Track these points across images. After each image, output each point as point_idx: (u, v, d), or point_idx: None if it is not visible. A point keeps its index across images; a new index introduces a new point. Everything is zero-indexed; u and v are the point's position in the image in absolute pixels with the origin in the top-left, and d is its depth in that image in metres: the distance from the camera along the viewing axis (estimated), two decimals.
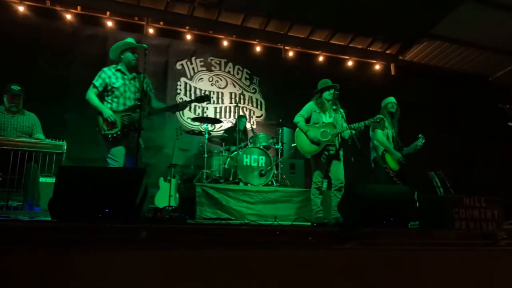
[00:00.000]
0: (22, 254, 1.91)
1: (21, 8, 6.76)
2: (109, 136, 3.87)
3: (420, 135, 5.28)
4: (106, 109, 3.90)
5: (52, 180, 4.35)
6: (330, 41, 8.71)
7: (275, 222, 3.40)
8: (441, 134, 8.17)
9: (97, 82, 3.98)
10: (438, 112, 8.74)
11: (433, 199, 3.73)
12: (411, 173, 5.34)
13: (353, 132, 4.61)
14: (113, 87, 3.98)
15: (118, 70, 4.08)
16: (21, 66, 6.18)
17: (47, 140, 4.17)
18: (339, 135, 4.76)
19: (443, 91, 9.13)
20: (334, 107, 4.87)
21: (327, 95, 4.84)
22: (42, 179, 4.39)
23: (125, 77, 4.06)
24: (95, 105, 3.93)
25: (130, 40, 4.15)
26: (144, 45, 4.15)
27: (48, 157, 4.06)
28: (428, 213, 3.38)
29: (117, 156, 3.90)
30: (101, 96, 4.00)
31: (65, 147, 4.10)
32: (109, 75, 4.02)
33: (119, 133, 3.88)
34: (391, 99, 5.42)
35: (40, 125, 4.53)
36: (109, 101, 3.99)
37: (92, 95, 3.95)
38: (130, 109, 3.97)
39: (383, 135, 5.18)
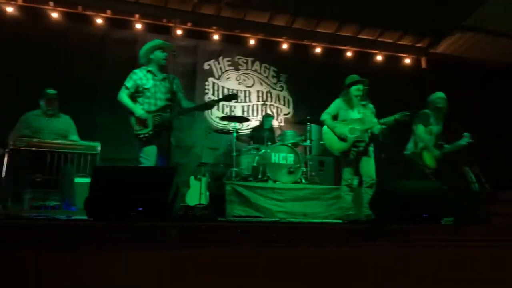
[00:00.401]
0: (59, 252, 1.98)
1: (54, 15, 6.98)
2: (141, 135, 3.97)
3: (466, 133, 5.14)
4: (138, 109, 4.00)
5: (87, 180, 4.48)
6: (358, 36, 8.58)
7: (305, 220, 3.40)
8: (475, 128, 7.91)
9: (129, 83, 4.09)
10: (471, 106, 8.47)
11: (468, 194, 3.64)
12: (449, 170, 5.21)
13: (383, 127, 4.54)
14: (144, 88, 4.08)
15: (149, 71, 4.16)
16: (54, 71, 6.39)
17: (82, 141, 4.31)
18: (369, 131, 4.68)
19: (476, 83, 8.84)
20: (363, 102, 4.79)
21: (354, 90, 4.76)
22: (77, 180, 4.52)
23: (156, 78, 4.14)
24: (127, 105, 4.03)
25: (156, 41, 4.25)
26: (171, 44, 4.27)
27: (83, 157, 4.18)
28: (462, 209, 3.30)
29: (149, 155, 3.98)
30: (133, 97, 4.09)
31: (99, 148, 4.22)
32: (140, 76, 4.11)
33: (151, 132, 3.96)
34: (439, 94, 5.31)
35: (75, 127, 4.68)
36: (141, 102, 4.09)
37: (124, 96, 4.07)
38: (161, 109, 4.04)
39: (424, 131, 5.10)
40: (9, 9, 6.72)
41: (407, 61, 9.06)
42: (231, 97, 4.54)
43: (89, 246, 2.05)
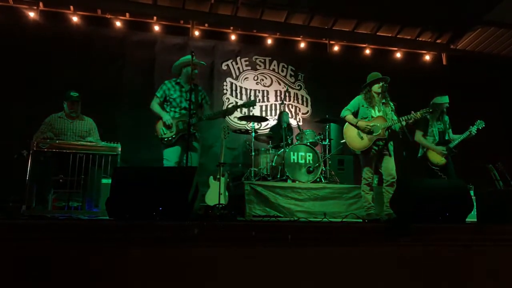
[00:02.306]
0: (82, 250, 2.01)
1: (74, 18, 7.11)
2: (165, 139, 4.39)
3: (478, 121, 5.24)
4: (165, 115, 4.44)
5: (108, 181, 4.54)
6: (377, 33, 8.48)
7: (325, 219, 3.38)
8: (499, 125, 7.75)
9: (159, 93, 4.58)
10: (494, 102, 8.28)
11: (493, 192, 3.56)
12: (458, 165, 5.24)
13: (404, 124, 4.48)
14: (171, 98, 4.54)
15: (178, 83, 4.62)
16: (76, 73, 6.51)
17: (103, 142, 4.37)
18: (389, 129, 4.62)
19: (499, 79, 8.64)
20: (383, 100, 4.73)
21: (376, 88, 4.70)
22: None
23: (183, 89, 4.56)
24: (157, 112, 4.49)
25: (189, 57, 4.50)
26: (203, 62, 4.84)
27: (104, 158, 4.24)
28: (487, 208, 3.23)
29: (170, 157, 4.37)
30: (161, 105, 4.56)
31: (120, 149, 4.28)
32: (168, 87, 4.59)
33: (174, 136, 4.38)
34: (446, 99, 5.40)
35: (96, 128, 4.76)
36: (168, 110, 4.53)
37: (155, 105, 4.55)
38: (185, 116, 4.34)
39: (422, 135, 5.33)
40: (31, 14, 6.87)
41: (427, 57, 8.92)
42: (250, 104, 4.89)
43: (110, 245, 2.07)
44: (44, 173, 4.08)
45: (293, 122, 7.74)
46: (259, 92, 7.94)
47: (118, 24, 7.33)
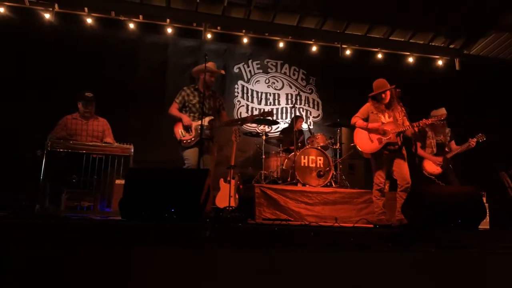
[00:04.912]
0: (94, 249, 2.03)
1: (89, 20, 7.19)
2: (184, 141, 4.52)
3: (479, 134, 5.29)
4: (185, 117, 4.59)
5: (121, 181, 4.58)
6: (389, 38, 8.45)
7: (336, 224, 3.37)
8: None
9: (178, 99, 4.73)
10: (508, 108, 8.18)
11: (508, 200, 3.53)
12: (471, 171, 5.26)
13: (416, 130, 4.46)
14: (190, 103, 4.69)
15: (196, 89, 4.75)
16: (90, 74, 6.57)
17: (116, 143, 4.42)
18: (401, 134, 4.60)
19: None
20: (392, 106, 4.71)
21: (381, 97, 4.68)
22: None
23: (201, 95, 4.66)
24: (176, 116, 4.63)
25: (208, 65, 4.63)
26: (220, 71, 5.07)
27: (117, 159, 4.28)
28: (501, 215, 3.20)
29: (191, 156, 4.50)
30: (181, 110, 4.70)
31: (132, 150, 4.32)
32: (188, 93, 4.73)
33: (192, 139, 4.51)
34: (444, 110, 5.41)
35: (110, 129, 4.81)
36: (187, 115, 4.64)
37: (173, 110, 4.68)
38: (203, 121, 4.46)
39: (420, 147, 5.43)
40: (47, 16, 6.97)
41: (440, 62, 8.86)
42: (268, 114, 4.92)
43: (121, 245, 2.09)
44: (58, 173, 4.13)
45: (304, 125, 7.74)
46: (270, 95, 7.96)
47: (131, 26, 7.40)
